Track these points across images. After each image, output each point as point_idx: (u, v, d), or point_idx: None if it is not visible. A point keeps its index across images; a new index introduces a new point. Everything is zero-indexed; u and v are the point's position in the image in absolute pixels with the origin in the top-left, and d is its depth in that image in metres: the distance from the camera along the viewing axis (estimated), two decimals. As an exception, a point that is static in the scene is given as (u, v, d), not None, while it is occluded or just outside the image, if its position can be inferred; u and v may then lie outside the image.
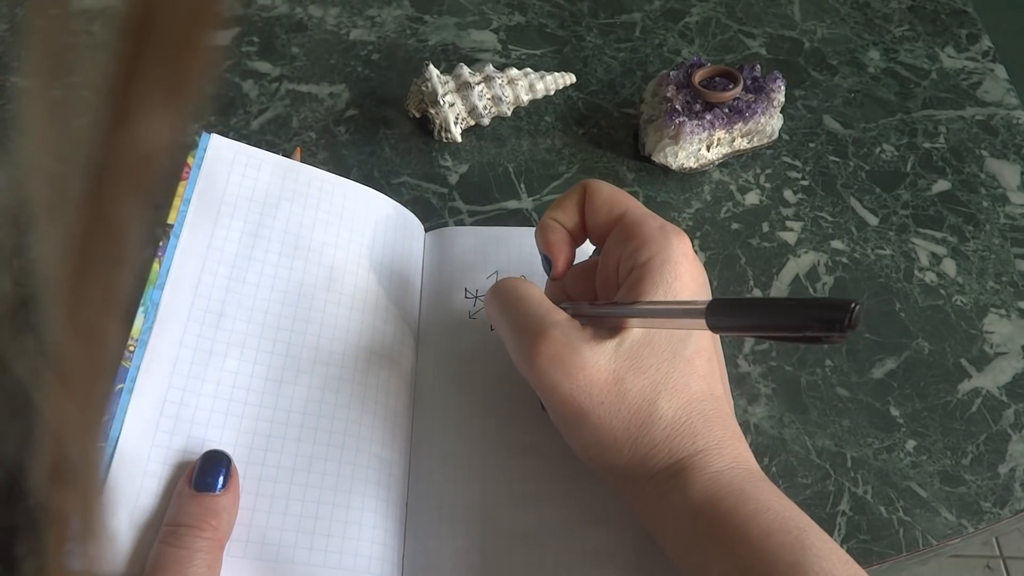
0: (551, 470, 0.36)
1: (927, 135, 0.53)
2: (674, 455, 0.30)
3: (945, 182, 0.51)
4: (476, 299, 0.43)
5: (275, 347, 0.37)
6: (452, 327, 0.42)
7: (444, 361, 0.41)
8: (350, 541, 0.33)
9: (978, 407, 0.42)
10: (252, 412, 0.35)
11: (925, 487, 0.39)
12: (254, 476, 0.33)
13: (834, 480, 0.39)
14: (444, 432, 0.38)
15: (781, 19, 0.59)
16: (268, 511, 0.33)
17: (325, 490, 0.34)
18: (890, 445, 0.41)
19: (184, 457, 0.33)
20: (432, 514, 0.36)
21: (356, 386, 0.37)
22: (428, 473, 0.37)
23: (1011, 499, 0.39)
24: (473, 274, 0.44)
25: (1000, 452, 0.41)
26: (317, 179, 0.41)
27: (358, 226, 0.42)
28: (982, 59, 0.57)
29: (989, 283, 0.46)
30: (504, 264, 0.45)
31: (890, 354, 0.44)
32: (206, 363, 0.35)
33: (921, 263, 0.47)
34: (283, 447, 0.35)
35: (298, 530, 0.33)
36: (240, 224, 0.38)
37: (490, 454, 0.37)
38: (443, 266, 0.44)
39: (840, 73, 0.56)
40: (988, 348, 0.44)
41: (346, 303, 0.40)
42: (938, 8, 0.61)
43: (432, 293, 0.44)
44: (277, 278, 0.38)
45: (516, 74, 0.50)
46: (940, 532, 0.38)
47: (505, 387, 0.39)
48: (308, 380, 0.36)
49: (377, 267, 0.42)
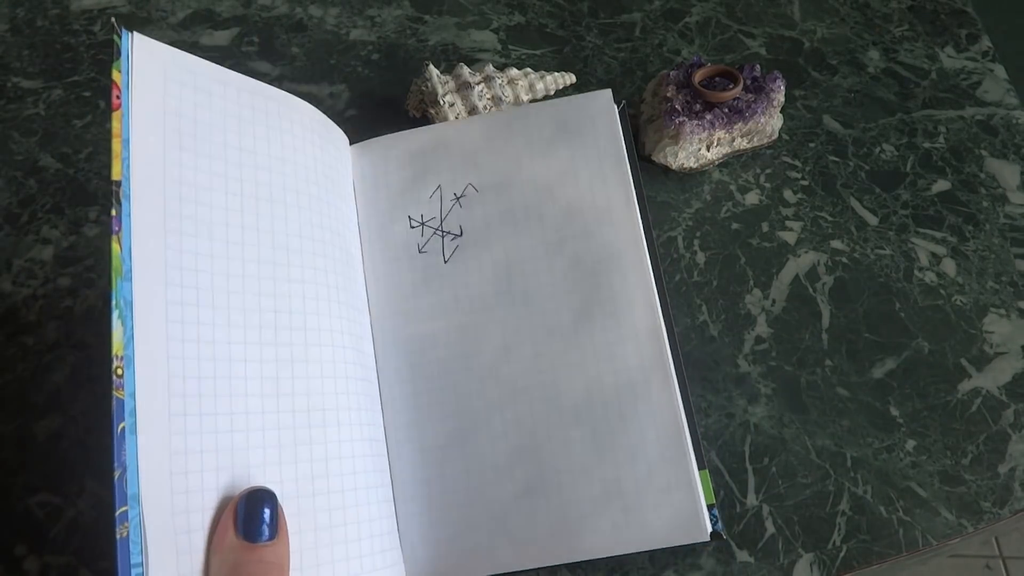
0: (520, 388, 0.38)
1: (927, 135, 0.53)
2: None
3: (945, 182, 0.51)
4: (423, 227, 0.41)
5: (261, 318, 0.33)
6: (402, 268, 0.40)
7: (401, 320, 0.40)
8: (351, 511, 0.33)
9: (978, 407, 0.42)
10: (255, 416, 0.31)
11: (925, 487, 0.39)
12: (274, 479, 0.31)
13: (834, 480, 0.39)
14: (412, 398, 0.39)
15: (781, 19, 0.59)
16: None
17: (331, 478, 0.33)
18: (890, 445, 0.41)
19: (220, 494, 0.29)
20: (416, 455, 0.37)
21: (328, 354, 0.35)
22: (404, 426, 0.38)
23: (1011, 499, 0.39)
24: (415, 195, 0.42)
25: (1000, 452, 0.41)
26: (246, 90, 0.36)
27: (293, 149, 0.37)
28: (982, 59, 0.57)
29: (989, 283, 0.46)
30: (448, 175, 0.42)
31: (890, 354, 0.44)
32: (213, 363, 0.31)
33: (921, 263, 0.47)
34: (300, 438, 0.32)
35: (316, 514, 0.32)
36: (192, 158, 0.32)
37: (458, 389, 0.39)
38: (378, 189, 0.42)
39: (840, 73, 0.56)
40: (988, 348, 0.44)
41: (304, 249, 0.36)
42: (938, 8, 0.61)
43: (372, 226, 0.41)
44: (245, 228, 0.34)
45: (516, 74, 0.50)
46: (940, 532, 0.38)
47: (471, 340, 0.39)
48: (275, 353, 0.33)
49: (313, 202, 0.38)
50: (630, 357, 0.38)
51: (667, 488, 0.36)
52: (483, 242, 0.40)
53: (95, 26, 0.55)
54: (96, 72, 0.53)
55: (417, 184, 0.42)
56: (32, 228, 0.46)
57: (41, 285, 0.44)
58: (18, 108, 0.51)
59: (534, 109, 0.42)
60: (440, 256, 0.41)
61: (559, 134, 0.42)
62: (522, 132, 0.42)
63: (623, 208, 0.40)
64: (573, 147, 0.41)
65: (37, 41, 0.54)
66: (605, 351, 0.38)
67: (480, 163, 0.42)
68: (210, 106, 0.34)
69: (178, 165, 0.32)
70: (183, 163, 0.32)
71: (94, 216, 0.47)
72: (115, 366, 0.27)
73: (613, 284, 0.39)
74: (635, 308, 0.38)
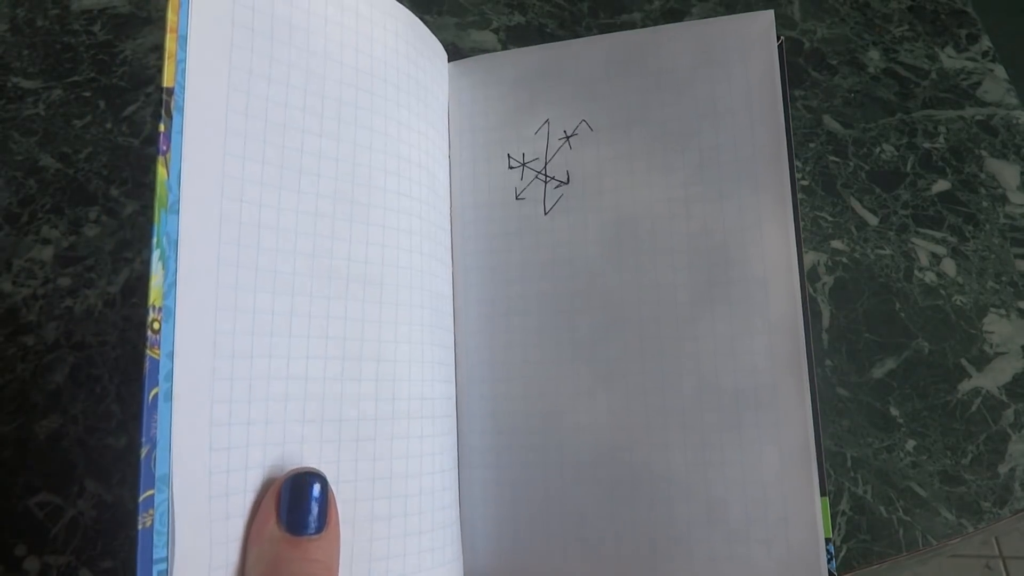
0: (617, 375, 0.32)
1: (927, 135, 0.53)
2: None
3: (945, 182, 0.51)
4: (524, 168, 0.35)
5: (323, 281, 0.28)
6: (493, 217, 0.35)
7: (487, 278, 0.34)
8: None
9: (978, 407, 0.42)
10: (314, 382, 0.27)
11: (925, 487, 0.39)
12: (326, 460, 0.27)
13: (834, 480, 0.39)
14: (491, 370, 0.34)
15: (781, 19, 0.59)
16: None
17: (395, 459, 0.29)
18: (890, 445, 0.41)
19: (266, 472, 0.25)
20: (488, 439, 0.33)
21: (393, 312, 0.30)
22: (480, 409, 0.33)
23: (1011, 499, 0.39)
24: (518, 129, 0.35)
25: (1000, 452, 0.41)
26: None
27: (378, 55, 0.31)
28: (982, 59, 0.57)
29: (989, 283, 0.46)
30: (559, 108, 0.35)
31: (890, 354, 0.44)
32: (251, 326, 0.25)
33: (921, 263, 0.47)
34: (349, 412, 0.28)
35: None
36: (265, 64, 0.27)
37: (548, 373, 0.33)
38: (475, 118, 0.36)
39: (840, 73, 0.56)
40: (988, 348, 0.44)
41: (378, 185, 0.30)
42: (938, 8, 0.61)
43: (464, 162, 0.36)
44: (322, 157, 0.28)
45: (516, 74, 0.50)
46: (940, 532, 0.38)
47: (565, 304, 0.33)
48: (343, 310, 0.28)
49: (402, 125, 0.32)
50: (758, 355, 0.31)
51: (783, 520, 0.30)
52: (592, 193, 0.34)
53: (95, 26, 0.55)
54: (96, 72, 0.53)
55: (522, 116, 0.35)
56: (32, 228, 0.46)
57: (41, 285, 0.44)
58: (18, 108, 0.51)
59: (673, 31, 0.35)
60: (540, 206, 0.34)
61: (701, 65, 0.34)
62: (654, 59, 0.34)
63: (772, 166, 0.32)
64: (716, 82, 0.34)
65: (37, 41, 0.54)
66: (727, 344, 0.31)
67: (599, 95, 0.35)
68: (290, 0, 0.28)
69: (247, 72, 0.26)
70: (253, 70, 0.26)
71: (94, 216, 0.47)
72: (151, 319, 0.22)
73: (749, 261, 0.32)
74: (771, 294, 0.31)
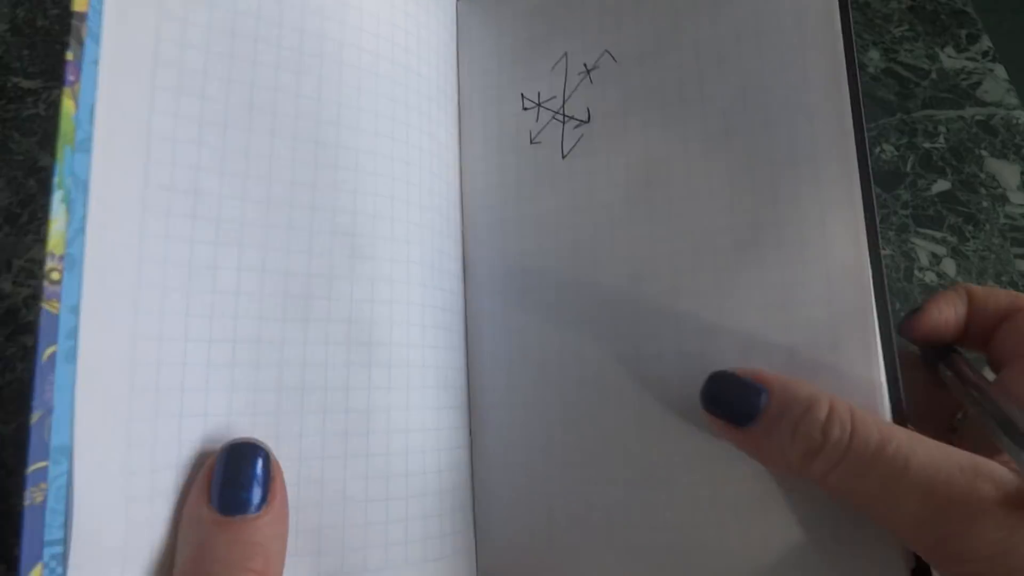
0: (648, 337, 0.28)
1: (927, 135, 0.53)
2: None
3: (945, 182, 0.51)
4: (540, 109, 0.31)
5: (282, 231, 0.24)
6: (506, 163, 0.31)
7: (498, 232, 0.30)
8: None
9: (978, 407, 0.42)
10: (270, 346, 0.23)
11: (925, 487, 0.39)
12: (289, 443, 0.24)
13: (834, 480, 0.39)
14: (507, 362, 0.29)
15: (781, 19, 0.59)
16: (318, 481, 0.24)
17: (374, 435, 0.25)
18: (890, 445, 0.41)
19: (192, 452, 0.22)
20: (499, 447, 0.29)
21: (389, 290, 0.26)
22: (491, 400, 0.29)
23: (1011, 499, 0.39)
24: (533, 65, 0.31)
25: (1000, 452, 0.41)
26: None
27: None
28: (982, 59, 0.57)
29: (989, 283, 0.46)
30: (579, 39, 0.31)
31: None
32: (187, 280, 0.22)
33: (921, 263, 0.47)
34: (315, 384, 0.24)
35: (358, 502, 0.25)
36: (201, 5, 0.23)
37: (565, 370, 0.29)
38: (485, 58, 0.32)
39: (840, 73, 0.56)
40: (988, 348, 0.44)
41: (364, 146, 0.26)
42: (938, 8, 0.61)
43: (474, 105, 0.32)
44: (281, 92, 0.25)
45: (516, 74, 0.50)
46: (940, 532, 0.38)
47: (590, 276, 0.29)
48: (307, 265, 0.25)
49: (396, 67, 0.28)
50: (814, 307, 0.25)
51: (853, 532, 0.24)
52: (617, 132, 0.29)
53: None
54: (96, 72, 0.53)
55: (537, 50, 0.31)
56: (32, 228, 0.46)
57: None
58: (18, 108, 0.51)
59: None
60: (557, 149, 0.30)
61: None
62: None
63: (828, 89, 0.27)
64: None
65: (37, 41, 0.54)
66: (778, 295, 0.26)
67: (623, 22, 0.30)
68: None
69: (181, 34, 0.23)
70: (189, 20, 0.23)
71: (94, 216, 0.47)
72: (49, 268, 0.19)
73: (800, 199, 0.26)
74: (829, 235, 0.26)
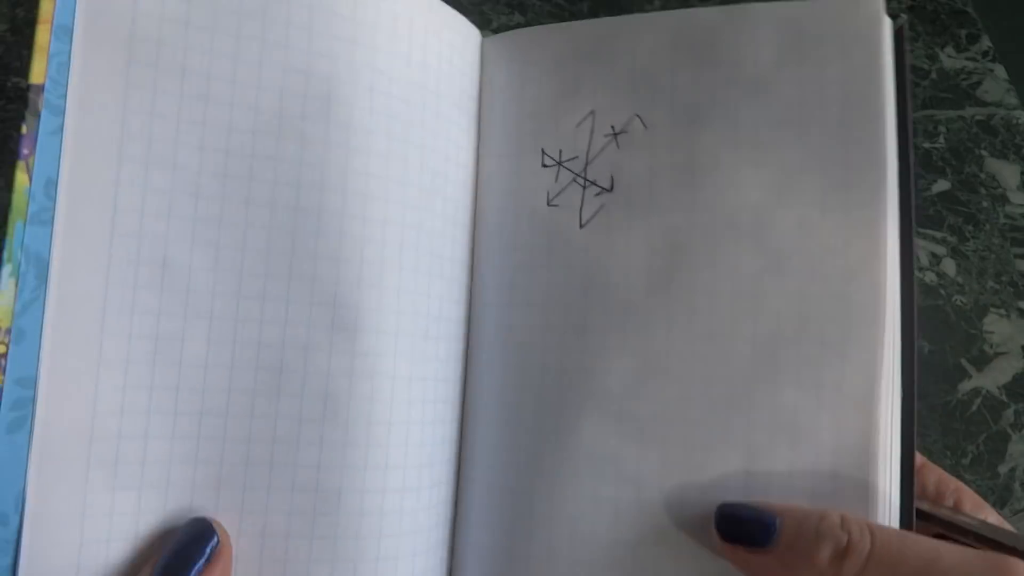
0: (651, 440, 0.26)
1: (927, 135, 0.53)
2: None
3: (945, 182, 0.51)
4: (560, 168, 0.29)
5: (255, 301, 0.23)
6: (519, 225, 0.28)
7: (504, 302, 0.28)
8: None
9: (978, 407, 0.42)
10: (239, 420, 0.23)
11: (925, 487, 0.40)
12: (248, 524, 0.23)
13: (834, 480, 0.39)
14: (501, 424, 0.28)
15: (781, 19, 0.59)
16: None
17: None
18: (890, 445, 0.41)
19: (150, 524, 0.22)
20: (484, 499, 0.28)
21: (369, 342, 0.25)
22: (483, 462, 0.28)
23: (1011, 499, 0.39)
24: (557, 119, 0.29)
25: (1000, 452, 0.41)
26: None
27: (368, 39, 0.26)
28: (982, 59, 0.57)
29: (989, 283, 0.46)
30: (608, 98, 0.28)
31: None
32: (153, 353, 0.22)
33: (921, 263, 0.47)
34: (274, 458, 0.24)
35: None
36: (175, 64, 0.23)
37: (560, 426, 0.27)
38: (507, 104, 0.29)
39: (840, 73, 0.56)
40: (988, 348, 0.44)
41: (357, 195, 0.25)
42: (938, 8, 0.61)
43: (491, 155, 0.30)
44: (255, 174, 0.23)
45: (516, 74, 0.50)
46: (940, 532, 0.38)
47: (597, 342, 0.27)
48: (281, 336, 0.24)
49: (408, 114, 0.26)
50: (823, 435, 0.24)
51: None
52: (641, 206, 0.27)
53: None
54: (96, 72, 0.53)
55: (562, 103, 0.29)
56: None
57: (41, 285, 0.44)
58: (18, 108, 0.51)
59: (755, 13, 0.28)
60: (576, 215, 0.28)
61: (787, 58, 0.27)
62: (730, 47, 0.27)
63: (869, 196, 0.25)
64: (805, 82, 0.26)
65: (37, 41, 0.54)
66: (787, 417, 0.25)
67: (657, 86, 0.28)
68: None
69: (151, 99, 0.22)
70: (160, 84, 0.22)
71: (94, 216, 0.47)
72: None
73: (826, 321, 0.25)
74: (849, 363, 0.24)
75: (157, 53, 0.22)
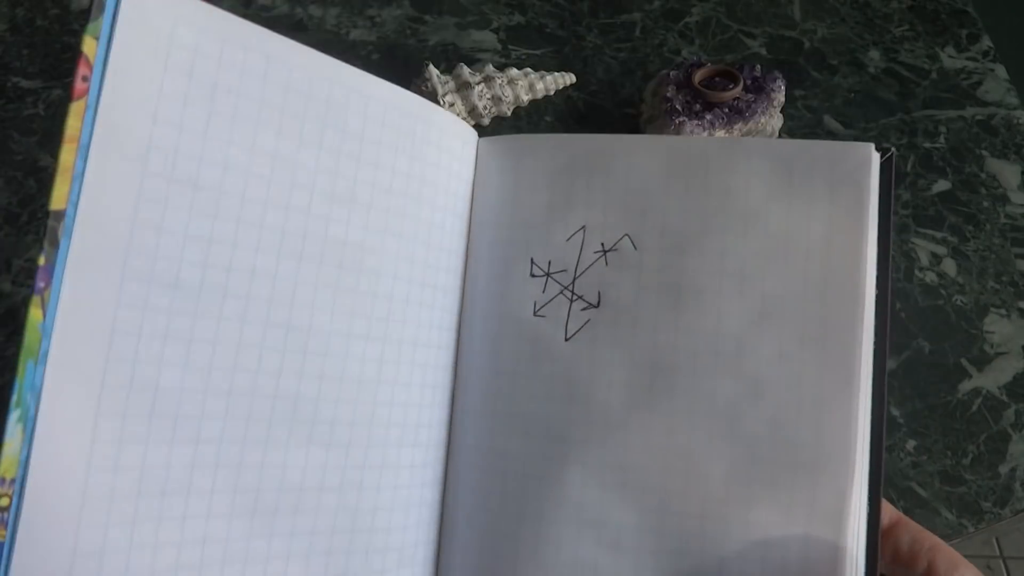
0: (626, 566, 0.27)
1: (927, 135, 0.53)
2: None
3: (945, 182, 0.51)
4: (548, 279, 0.29)
5: (241, 423, 0.23)
6: (504, 335, 0.29)
7: (488, 401, 0.29)
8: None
9: (978, 407, 0.42)
10: (217, 545, 0.23)
11: (925, 487, 0.39)
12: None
13: (834, 480, 0.39)
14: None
15: (781, 19, 0.59)
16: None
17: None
18: (890, 445, 0.41)
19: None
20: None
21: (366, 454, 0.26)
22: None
23: (1011, 499, 0.39)
24: (547, 231, 0.29)
25: (1000, 452, 0.41)
26: (294, 67, 0.25)
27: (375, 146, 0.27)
28: (982, 59, 0.57)
29: (989, 283, 0.46)
30: (600, 215, 0.29)
31: (890, 354, 0.44)
32: (138, 484, 0.21)
33: (921, 263, 0.47)
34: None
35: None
36: (185, 187, 0.22)
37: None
38: (500, 208, 0.30)
39: (840, 73, 0.56)
40: (988, 348, 0.44)
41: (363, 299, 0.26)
42: (938, 8, 0.61)
43: (480, 261, 0.30)
44: (252, 291, 0.23)
45: (516, 74, 0.50)
46: (940, 532, 0.38)
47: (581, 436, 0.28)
48: (261, 456, 0.24)
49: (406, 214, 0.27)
50: (790, 555, 0.25)
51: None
52: (626, 325, 0.28)
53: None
54: (96, 72, 0.53)
55: (555, 215, 0.29)
56: (32, 228, 0.46)
57: (41, 285, 0.44)
58: (18, 108, 0.51)
59: (749, 146, 0.29)
60: (561, 328, 0.29)
61: (777, 192, 0.28)
62: (723, 175, 0.28)
63: (842, 337, 0.26)
64: (792, 218, 0.28)
65: (37, 41, 0.54)
66: (759, 533, 0.26)
67: (649, 209, 0.29)
68: (238, 91, 0.23)
69: (165, 174, 0.21)
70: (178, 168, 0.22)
71: (94, 216, 0.47)
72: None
73: (800, 446, 0.26)
74: (820, 487, 0.26)
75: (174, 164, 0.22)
